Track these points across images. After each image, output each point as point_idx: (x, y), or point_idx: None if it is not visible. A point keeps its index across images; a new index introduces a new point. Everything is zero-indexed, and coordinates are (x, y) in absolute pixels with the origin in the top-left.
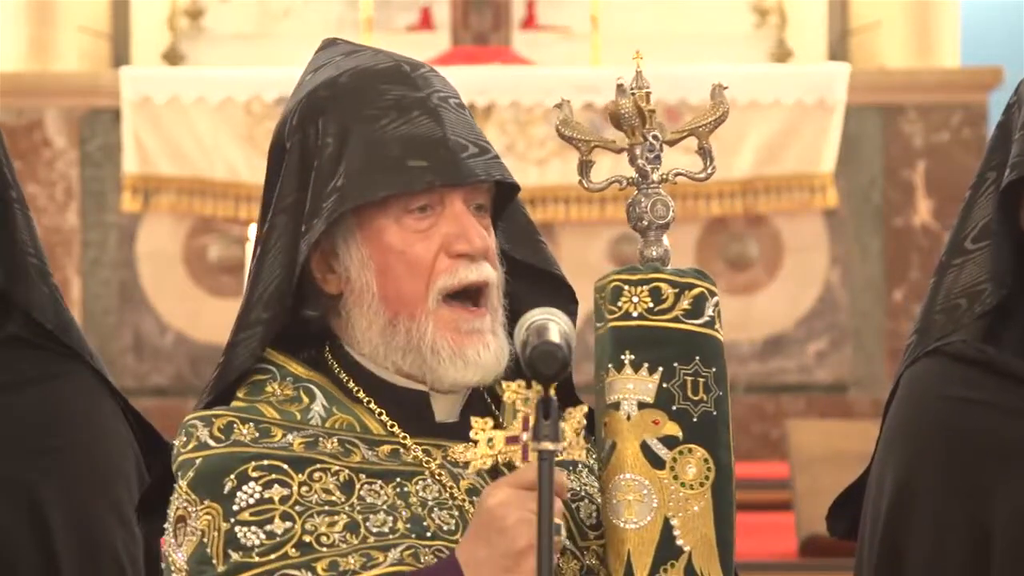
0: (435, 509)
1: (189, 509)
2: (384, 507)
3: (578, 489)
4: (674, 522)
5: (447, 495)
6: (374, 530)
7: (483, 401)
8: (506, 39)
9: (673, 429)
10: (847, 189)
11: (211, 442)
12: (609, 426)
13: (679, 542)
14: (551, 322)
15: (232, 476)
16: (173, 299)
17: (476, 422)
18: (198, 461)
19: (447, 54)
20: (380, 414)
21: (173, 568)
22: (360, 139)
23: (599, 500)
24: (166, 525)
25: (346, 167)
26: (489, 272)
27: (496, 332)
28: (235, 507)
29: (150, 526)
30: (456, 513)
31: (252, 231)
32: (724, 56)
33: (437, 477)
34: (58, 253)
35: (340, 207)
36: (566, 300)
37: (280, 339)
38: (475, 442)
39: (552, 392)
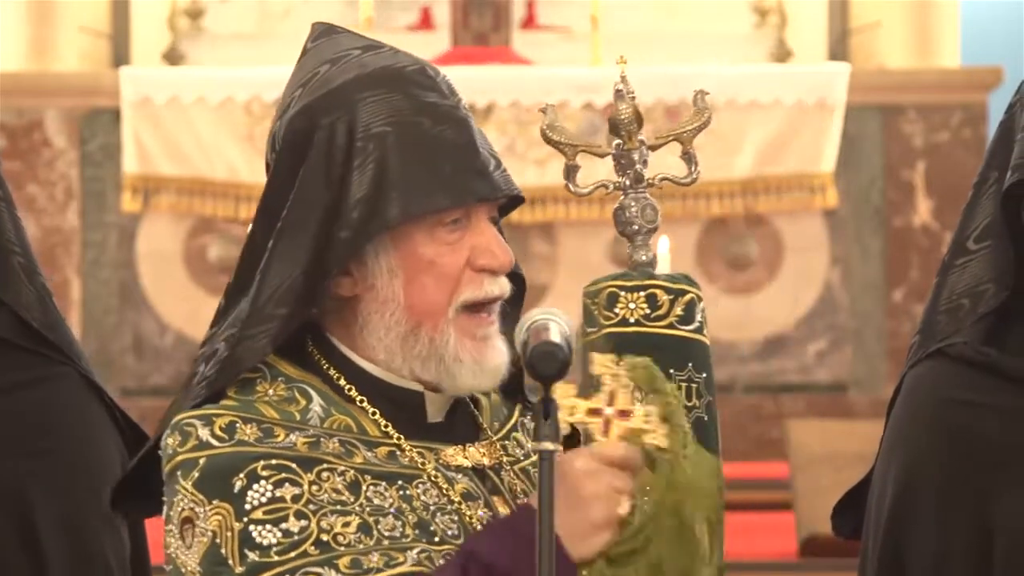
0: (437, 514)
1: (196, 510)
2: (392, 510)
3: None
4: None
5: (445, 499)
6: (386, 533)
7: (464, 401)
8: (506, 39)
9: None
10: (847, 189)
11: (214, 441)
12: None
13: None
14: (551, 322)
15: (241, 475)
16: (173, 299)
17: (560, 387)
18: (202, 461)
19: (447, 54)
20: (374, 414)
21: (184, 570)
22: (402, 147)
23: None
24: (169, 527)
25: (392, 176)
26: (507, 286)
27: (500, 338)
28: (247, 506)
29: (127, 516)
30: (456, 518)
31: None
32: (724, 56)
33: (434, 480)
34: (58, 253)
35: (385, 221)
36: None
37: None
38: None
39: (552, 392)
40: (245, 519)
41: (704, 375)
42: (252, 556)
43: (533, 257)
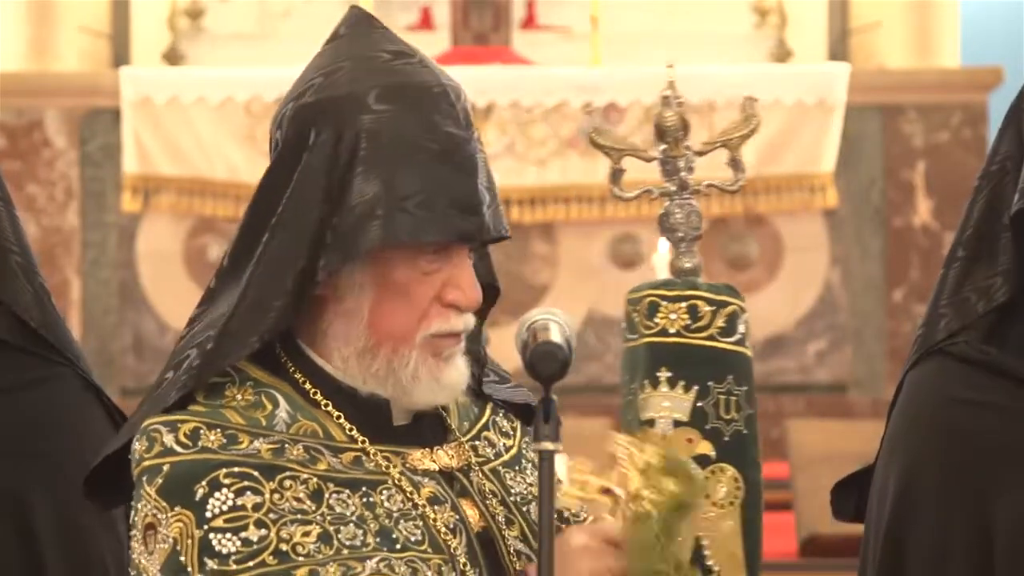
0: (400, 520)
1: (159, 516)
2: (353, 518)
3: (525, 492)
4: (704, 542)
5: (410, 504)
6: (347, 542)
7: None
8: (506, 39)
9: (706, 448)
10: (847, 189)
11: (177, 448)
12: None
13: (709, 562)
14: (551, 322)
15: (203, 483)
16: (173, 299)
17: (575, 462)
18: (165, 467)
19: (447, 54)
20: (339, 418)
21: (145, 575)
22: (401, 169)
23: None
24: (133, 532)
25: (383, 197)
26: (472, 321)
27: (463, 357)
28: (208, 514)
29: (99, 508)
30: (420, 523)
31: None
32: (724, 56)
33: (399, 484)
34: (58, 253)
35: (367, 243)
36: (489, 301)
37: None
38: (563, 480)
39: (552, 392)
40: (205, 527)
41: (745, 388)
42: (211, 564)
43: (533, 257)
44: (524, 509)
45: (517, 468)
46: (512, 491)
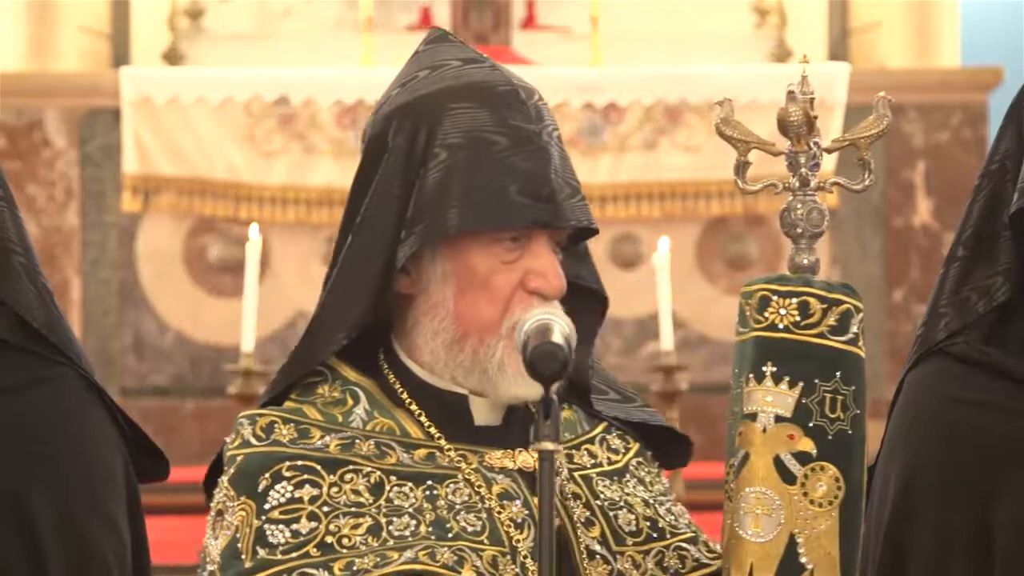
0: (462, 512)
1: (227, 504)
2: (410, 510)
3: (617, 499)
4: (799, 539)
5: (477, 498)
6: (395, 533)
7: (526, 407)
8: (506, 39)
9: (807, 445)
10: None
11: (253, 440)
12: (744, 436)
13: (802, 559)
14: (552, 322)
15: (267, 475)
16: (173, 299)
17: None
18: (239, 458)
19: None
20: (419, 415)
21: (208, 559)
22: (473, 161)
23: (640, 510)
24: (209, 518)
25: (457, 187)
26: (558, 310)
27: None
28: (267, 505)
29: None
30: (484, 515)
31: (252, 231)
32: (724, 56)
33: (468, 479)
34: (58, 253)
35: (444, 229)
36: (596, 312)
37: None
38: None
39: (552, 392)
40: (263, 518)
41: (853, 387)
42: (261, 553)
43: None
44: (611, 514)
45: (615, 479)
46: (600, 496)
